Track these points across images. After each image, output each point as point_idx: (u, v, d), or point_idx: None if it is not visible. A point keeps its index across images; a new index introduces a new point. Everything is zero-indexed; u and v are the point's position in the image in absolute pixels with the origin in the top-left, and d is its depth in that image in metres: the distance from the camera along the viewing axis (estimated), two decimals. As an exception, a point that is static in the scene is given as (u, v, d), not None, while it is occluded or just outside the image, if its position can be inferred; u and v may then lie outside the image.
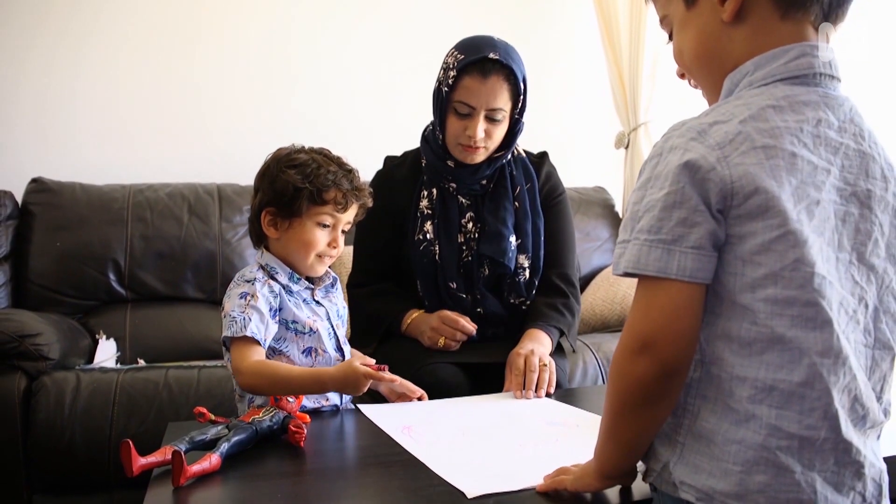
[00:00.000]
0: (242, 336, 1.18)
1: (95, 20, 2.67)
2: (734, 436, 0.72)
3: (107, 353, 2.17)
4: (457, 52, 1.55)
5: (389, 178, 1.70)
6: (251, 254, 2.46)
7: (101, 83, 2.68)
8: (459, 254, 1.62)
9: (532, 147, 1.79)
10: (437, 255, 1.61)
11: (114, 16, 2.69)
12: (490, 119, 1.55)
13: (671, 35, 0.87)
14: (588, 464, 0.85)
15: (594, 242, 2.85)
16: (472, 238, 1.63)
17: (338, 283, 1.40)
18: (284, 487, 0.94)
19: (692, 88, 0.89)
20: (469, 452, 1.06)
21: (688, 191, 0.71)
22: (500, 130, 1.58)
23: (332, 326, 1.34)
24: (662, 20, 0.88)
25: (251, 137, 2.72)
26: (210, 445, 1.00)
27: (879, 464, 0.76)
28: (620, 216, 3.00)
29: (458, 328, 1.55)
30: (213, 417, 1.05)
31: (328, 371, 1.20)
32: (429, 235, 1.62)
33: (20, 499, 1.74)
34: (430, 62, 1.65)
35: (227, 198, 2.56)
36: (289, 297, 1.28)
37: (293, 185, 1.25)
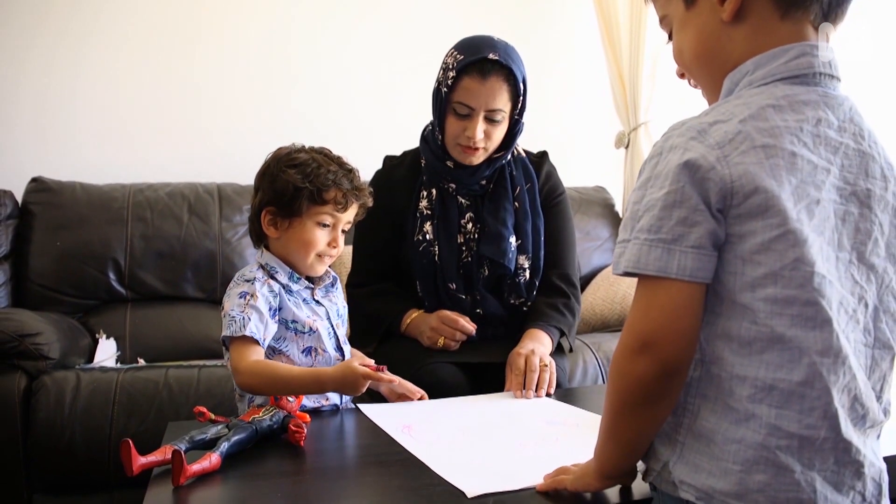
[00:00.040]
0: (241, 335, 1.18)
1: (95, 20, 2.67)
2: (734, 435, 0.72)
3: (107, 353, 2.17)
4: (456, 53, 1.54)
5: (389, 178, 1.70)
6: (251, 253, 2.46)
7: (101, 83, 2.68)
8: (459, 254, 1.62)
9: (532, 147, 1.79)
10: (437, 256, 1.61)
11: (114, 16, 2.69)
12: (489, 120, 1.54)
13: (671, 35, 0.87)
14: (588, 463, 0.85)
15: (594, 242, 2.86)
16: (472, 239, 1.63)
17: (338, 283, 1.40)
18: (284, 487, 0.94)
19: (692, 88, 0.89)
20: (469, 452, 1.06)
21: (688, 190, 0.71)
22: (500, 131, 1.57)
23: (332, 326, 1.34)
24: (662, 20, 0.88)
25: (251, 137, 2.72)
26: (210, 445, 1.00)
27: (879, 463, 0.76)
28: (620, 216, 3.00)
29: (458, 328, 1.54)
30: (213, 417, 1.05)
31: (327, 371, 1.19)
32: (428, 236, 1.62)
33: (20, 498, 1.74)
34: (430, 62, 1.65)
35: (227, 197, 2.56)
36: (288, 297, 1.28)
37: (293, 185, 1.25)
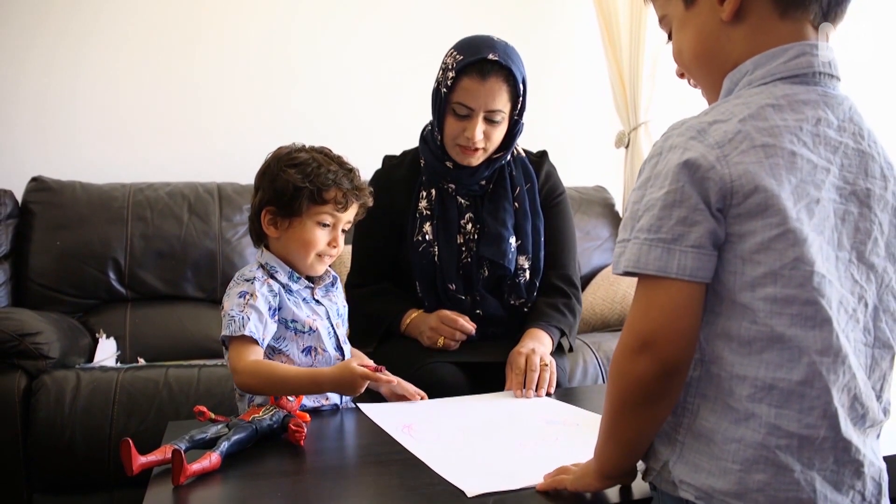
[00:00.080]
0: (241, 335, 1.18)
1: (95, 20, 2.67)
2: (734, 434, 0.72)
3: (107, 352, 2.17)
4: (456, 53, 1.53)
5: (388, 178, 1.69)
6: (251, 253, 2.46)
7: (101, 83, 2.68)
8: (459, 255, 1.62)
9: (532, 146, 1.79)
10: (437, 257, 1.60)
11: (114, 16, 2.69)
12: (489, 120, 1.53)
13: (670, 35, 0.87)
14: (588, 463, 0.85)
15: (594, 242, 2.86)
16: (472, 239, 1.62)
17: (338, 282, 1.40)
18: (284, 486, 0.94)
19: (692, 88, 0.89)
20: (469, 451, 1.06)
21: (687, 190, 0.71)
22: (499, 132, 1.56)
23: (332, 325, 1.34)
24: (661, 20, 0.88)
25: (251, 137, 2.72)
26: (210, 444, 1.00)
27: (879, 462, 0.76)
28: (621, 215, 3.00)
29: (458, 328, 1.54)
30: (213, 416, 1.05)
31: (325, 371, 1.19)
32: (428, 236, 1.61)
33: (20, 498, 1.74)
34: (430, 62, 1.64)
35: (228, 197, 2.56)
36: (288, 297, 1.28)
37: (293, 185, 1.25)
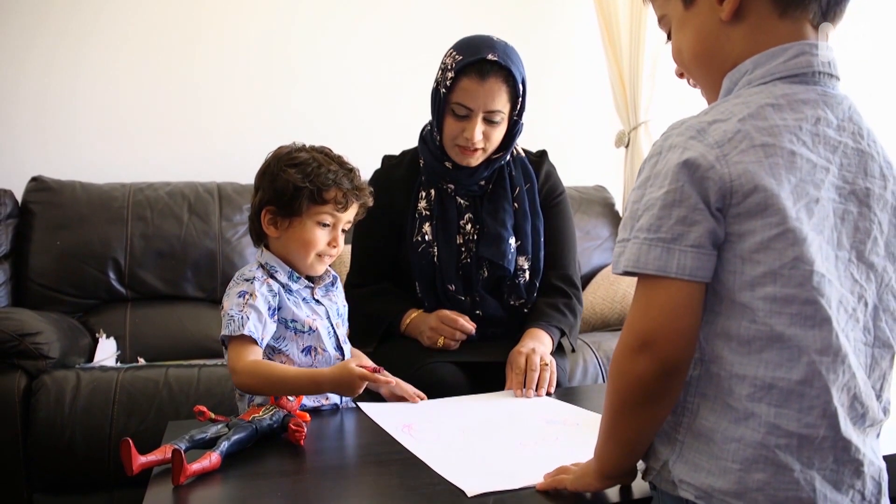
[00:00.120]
0: (240, 335, 1.18)
1: (95, 20, 2.67)
2: (733, 434, 0.72)
3: (107, 352, 2.17)
4: (455, 53, 1.53)
5: (387, 178, 1.69)
6: (251, 252, 2.46)
7: (101, 83, 2.68)
8: (458, 255, 1.61)
9: (532, 146, 1.79)
10: (436, 257, 1.60)
11: (114, 16, 2.69)
12: (488, 121, 1.52)
13: (669, 34, 0.87)
14: (588, 463, 0.85)
15: (594, 241, 2.86)
16: (471, 240, 1.62)
17: (338, 282, 1.40)
18: (284, 486, 0.94)
19: (691, 88, 0.89)
20: (469, 451, 1.06)
21: (687, 189, 0.71)
22: (499, 132, 1.56)
23: (332, 325, 1.34)
24: (661, 20, 0.88)
25: (251, 137, 2.72)
26: (210, 444, 1.00)
27: (879, 462, 0.76)
28: (621, 215, 3.00)
29: (458, 327, 1.54)
30: (213, 416, 1.05)
31: (323, 372, 1.19)
32: (427, 237, 1.61)
33: (20, 498, 1.74)
34: (430, 62, 1.64)
35: (227, 196, 2.56)
36: (288, 296, 1.28)
37: (293, 185, 1.25)
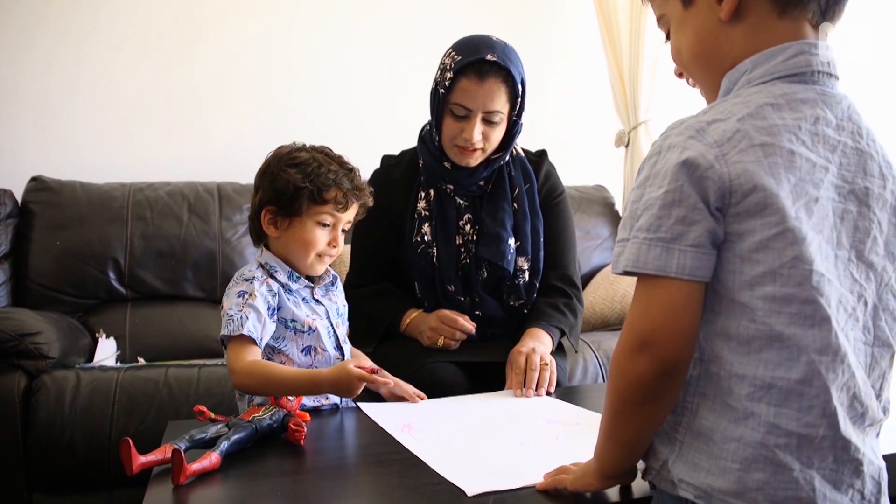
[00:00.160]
0: (239, 335, 1.18)
1: (95, 20, 2.67)
2: (733, 434, 0.72)
3: (107, 352, 2.17)
4: (454, 53, 1.52)
5: (386, 178, 1.68)
6: (251, 252, 2.46)
7: (101, 83, 2.68)
8: (458, 256, 1.61)
9: (532, 146, 1.78)
10: (435, 258, 1.60)
11: (114, 16, 2.69)
12: (487, 121, 1.52)
13: (668, 34, 0.87)
14: (588, 463, 0.85)
15: (594, 241, 2.86)
16: (471, 240, 1.62)
17: (338, 282, 1.39)
18: (284, 486, 0.94)
19: (691, 87, 0.89)
20: (469, 451, 1.06)
21: (686, 189, 0.71)
22: (498, 132, 1.56)
23: (332, 325, 1.33)
24: (660, 19, 0.88)
25: (251, 137, 2.72)
26: (210, 444, 1.00)
27: (878, 461, 0.76)
28: (621, 214, 3.00)
29: (458, 327, 1.54)
30: (213, 416, 1.05)
31: (322, 373, 1.18)
32: (427, 237, 1.61)
33: (20, 498, 1.74)
34: (430, 62, 1.64)
35: (227, 196, 2.56)
36: (288, 296, 1.28)
37: (294, 185, 1.25)
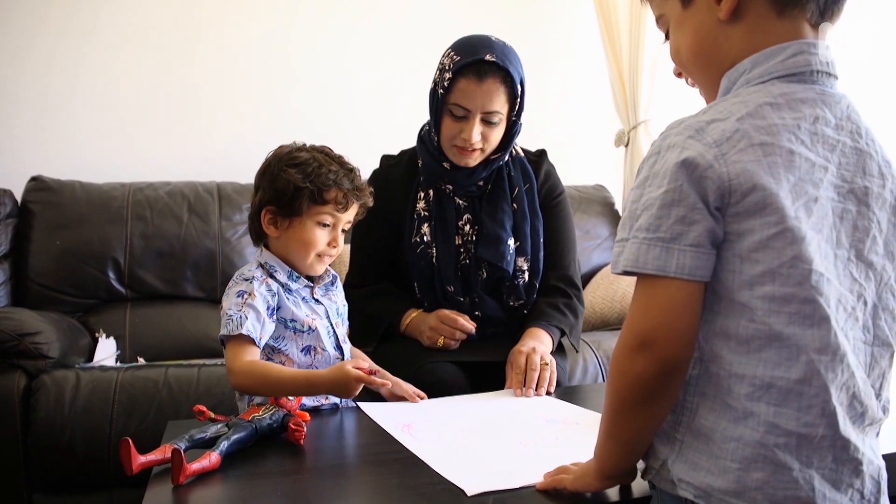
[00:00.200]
0: (238, 334, 1.18)
1: (95, 20, 2.67)
2: (732, 433, 0.72)
3: (106, 352, 2.17)
4: (453, 53, 1.52)
5: (385, 179, 1.68)
6: (251, 252, 2.46)
7: (101, 83, 2.68)
8: (457, 257, 1.61)
9: (532, 145, 1.78)
10: (434, 258, 1.60)
11: (114, 16, 2.69)
12: (486, 122, 1.52)
13: (667, 34, 0.87)
14: (588, 463, 0.85)
15: (594, 241, 2.86)
16: (470, 241, 1.61)
17: (338, 281, 1.39)
18: (284, 485, 0.94)
19: (690, 87, 0.89)
20: (469, 450, 1.06)
21: (686, 189, 0.71)
22: (497, 133, 1.55)
23: (332, 325, 1.33)
24: (659, 19, 0.88)
25: (251, 137, 2.72)
26: (210, 444, 1.00)
27: (878, 461, 0.76)
28: (620, 214, 3.00)
29: (458, 327, 1.54)
30: (213, 416, 1.05)
31: (319, 373, 1.18)
32: (426, 238, 1.61)
33: (20, 497, 1.74)
34: (430, 62, 1.64)
35: (227, 196, 2.56)
36: (287, 296, 1.28)
37: (294, 185, 1.24)
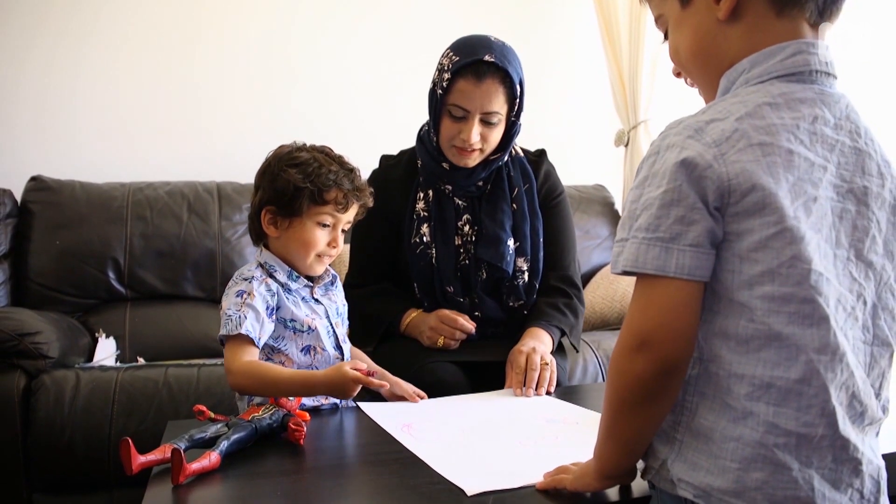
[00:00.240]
0: (237, 334, 1.18)
1: (95, 20, 2.67)
2: (732, 433, 0.72)
3: (106, 352, 2.17)
4: (452, 54, 1.52)
5: (385, 179, 1.67)
6: (251, 252, 2.46)
7: (101, 83, 2.68)
8: (456, 257, 1.61)
9: (532, 145, 1.78)
10: (434, 259, 1.60)
11: (114, 16, 2.69)
12: (485, 122, 1.51)
13: (666, 34, 0.87)
14: (588, 463, 0.85)
15: (594, 240, 2.86)
16: (469, 241, 1.61)
17: (337, 281, 1.39)
18: (284, 485, 0.94)
19: (689, 87, 0.89)
20: (469, 450, 1.06)
21: (685, 189, 0.71)
22: (496, 133, 1.55)
23: (331, 324, 1.33)
24: (658, 19, 0.88)
25: (251, 136, 2.72)
26: (209, 443, 1.00)
27: (878, 461, 0.76)
28: (620, 214, 3.00)
29: (458, 327, 1.54)
30: (213, 415, 1.05)
31: (317, 374, 1.18)
32: (425, 238, 1.61)
33: (20, 498, 1.74)
34: (430, 62, 1.64)
35: (227, 196, 2.56)
36: (287, 296, 1.28)
37: (294, 185, 1.24)
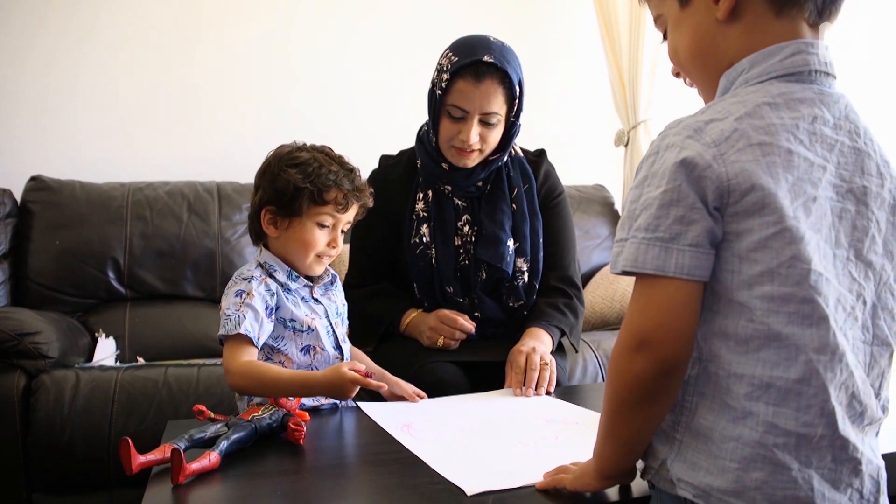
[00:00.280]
0: (236, 334, 1.18)
1: (95, 20, 2.67)
2: (731, 433, 0.72)
3: (106, 352, 2.17)
4: (451, 54, 1.52)
5: (384, 179, 1.67)
6: (251, 252, 2.46)
7: (101, 83, 2.68)
8: (456, 257, 1.61)
9: (532, 145, 1.78)
10: (434, 259, 1.60)
11: (114, 16, 2.69)
12: (484, 123, 1.51)
13: (665, 34, 0.87)
14: (587, 463, 0.85)
15: (594, 240, 2.86)
16: (469, 241, 1.61)
17: (337, 281, 1.39)
18: (284, 485, 0.94)
19: (688, 87, 0.89)
20: (469, 450, 1.06)
21: (684, 188, 0.71)
22: (496, 134, 1.55)
23: (331, 324, 1.33)
24: (657, 20, 0.88)
25: (251, 136, 2.72)
26: (209, 443, 1.00)
27: (877, 460, 0.76)
28: (620, 214, 3.00)
29: (457, 327, 1.54)
30: (213, 415, 1.05)
31: (315, 375, 1.18)
32: (425, 238, 1.61)
33: (20, 497, 1.74)
34: (430, 62, 1.64)
35: (227, 196, 2.56)
36: (287, 296, 1.28)
37: (294, 185, 1.24)
